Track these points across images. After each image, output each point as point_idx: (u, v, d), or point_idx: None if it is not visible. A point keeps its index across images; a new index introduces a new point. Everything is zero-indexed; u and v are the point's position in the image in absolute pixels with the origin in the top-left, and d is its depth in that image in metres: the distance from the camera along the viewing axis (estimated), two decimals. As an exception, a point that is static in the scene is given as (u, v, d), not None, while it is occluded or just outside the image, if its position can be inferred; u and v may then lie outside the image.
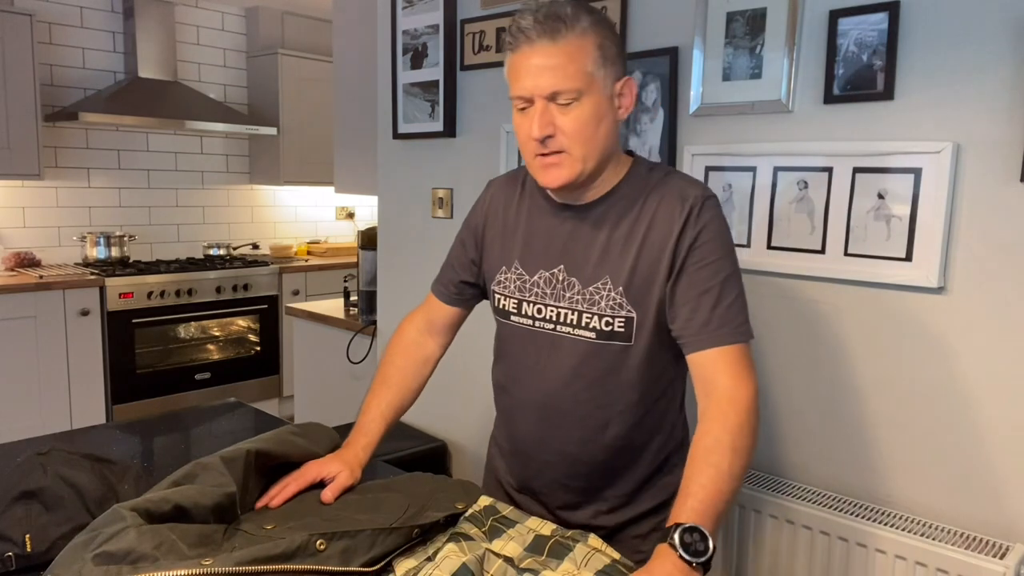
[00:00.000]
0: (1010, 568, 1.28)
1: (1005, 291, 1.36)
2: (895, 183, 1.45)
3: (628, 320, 1.14)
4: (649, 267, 1.12)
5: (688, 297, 1.10)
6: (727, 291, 1.10)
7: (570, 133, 1.08)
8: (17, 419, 3.37)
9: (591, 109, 1.08)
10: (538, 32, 1.06)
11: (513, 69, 1.10)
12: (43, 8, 3.79)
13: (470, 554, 0.95)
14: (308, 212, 5.00)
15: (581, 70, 1.06)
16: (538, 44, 1.06)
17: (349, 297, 2.93)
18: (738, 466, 1.00)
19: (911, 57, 1.42)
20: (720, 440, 1.01)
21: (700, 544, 0.90)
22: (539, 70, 1.06)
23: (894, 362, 1.50)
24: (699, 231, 1.11)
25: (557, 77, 1.06)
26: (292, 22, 4.67)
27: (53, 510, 1.00)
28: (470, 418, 2.33)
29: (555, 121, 1.08)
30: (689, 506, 0.95)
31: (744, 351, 1.09)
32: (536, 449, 1.25)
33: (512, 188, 1.29)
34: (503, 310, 1.26)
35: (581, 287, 1.16)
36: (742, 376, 1.07)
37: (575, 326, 1.17)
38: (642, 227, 1.13)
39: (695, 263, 1.10)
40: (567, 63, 1.05)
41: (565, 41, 1.06)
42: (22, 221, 3.83)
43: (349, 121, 3.05)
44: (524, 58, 1.07)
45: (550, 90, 1.06)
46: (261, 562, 0.87)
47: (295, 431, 1.25)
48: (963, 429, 1.43)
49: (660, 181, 1.16)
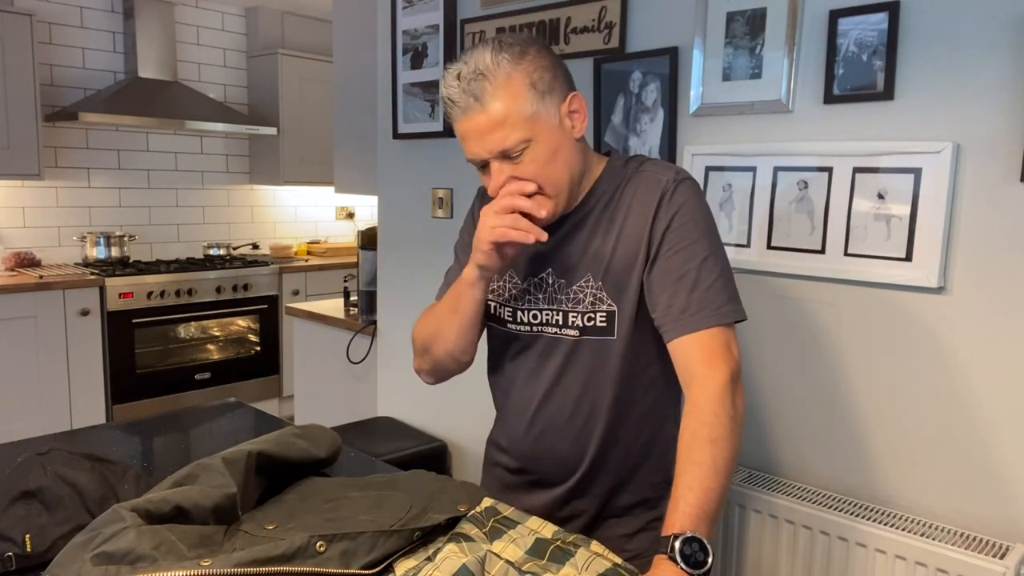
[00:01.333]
0: (1010, 568, 1.28)
1: (1005, 291, 1.36)
2: (895, 183, 1.45)
3: (609, 314, 1.14)
4: (626, 257, 1.12)
5: (665, 284, 1.09)
6: (705, 274, 1.08)
7: (532, 177, 1.08)
8: (17, 419, 3.37)
9: (544, 148, 1.08)
10: (464, 100, 1.06)
11: (460, 136, 1.10)
12: (43, 8, 3.79)
13: (471, 555, 0.94)
14: (308, 212, 5.00)
15: (520, 118, 1.06)
16: (470, 112, 1.06)
17: (349, 297, 2.93)
18: (721, 458, 0.96)
19: (911, 57, 1.42)
20: (697, 434, 0.98)
21: (700, 554, 0.89)
22: (479, 135, 1.07)
23: (893, 362, 1.50)
24: (673, 215, 1.10)
25: (497, 138, 1.06)
26: (292, 22, 4.67)
27: (53, 510, 1.00)
28: (470, 418, 2.33)
29: (514, 174, 1.08)
30: (682, 511, 0.92)
31: (721, 334, 1.05)
32: (531, 448, 1.25)
33: None
34: (499, 317, 1.25)
35: (567, 286, 1.17)
36: (715, 361, 1.03)
37: (561, 326, 1.17)
38: (619, 218, 1.13)
39: (670, 248, 1.09)
40: (503, 120, 1.05)
41: (493, 97, 1.05)
42: (22, 221, 3.83)
43: (349, 121, 3.05)
44: (463, 126, 1.08)
45: (496, 151, 1.07)
46: (261, 563, 0.87)
47: (296, 432, 1.25)
48: (963, 429, 1.43)
49: (635, 171, 1.16)
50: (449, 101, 1.08)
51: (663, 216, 1.10)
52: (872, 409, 1.53)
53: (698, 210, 1.11)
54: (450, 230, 2.28)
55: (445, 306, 1.24)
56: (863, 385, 1.54)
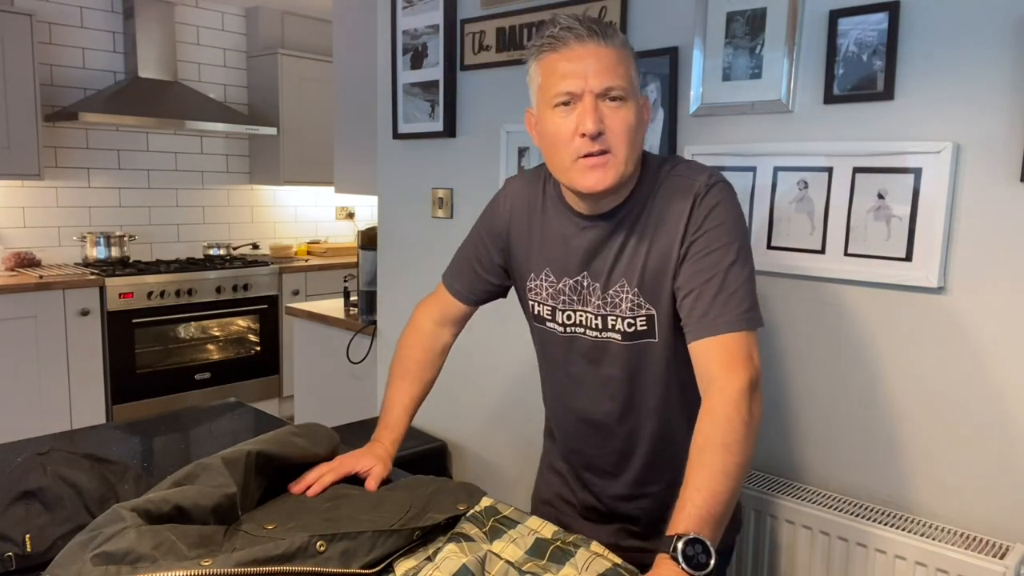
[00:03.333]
0: (1010, 568, 1.28)
1: (1005, 291, 1.36)
2: (895, 183, 1.45)
3: (649, 318, 1.14)
4: (660, 261, 1.12)
5: (693, 285, 1.09)
6: (731, 278, 1.08)
7: (618, 133, 1.06)
8: (17, 419, 3.38)
9: (635, 113, 1.08)
10: (588, 32, 1.06)
11: (556, 66, 1.07)
12: (43, 8, 3.79)
13: (471, 555, 0.94)
14: (308, 212, 5.00)
15: (628, 74, 1.07)
16: (589, 42, 1.05)
17: (349, 297, 2.93)
18: (732, 463, 0.97)
19: (911, 57, 1.42)
20: (710, 437, 0.99)
21: (703, 556, 0.89)
22: (592, 65, 1.05)
23: (893, 362, 1.50)
24: (704, 218, 1.10)
25: (610, 74, 1.05)
26: (292, 22, 4.67)
27: (53, 510, 1.00)
28: (470, 418, 2.33)
29: (604, 119, 1.06)
30: (687, 512, 0.93)
31: (742, 339, 1.06)
32: (582, 447, 1.29)
33: (534, 191, 1.26)
34: (539, 316, 1.26)
35: (602, 292, 1.17)
36: (735, 366, 1.03)
37: (601, 330, 1.18)
38: (652, 223, 1.13)
39: (701, 251, 1.09)
40: (617, 63, 1.06)
41: (612, 47, 1.06)
42: (22, 221, 3.83)
43: (349, 121, 3.05)
44: (573, 54, 1.06)
45: (603, 86, 1.05)
46: (261, 563, 0.87)
47: (295, 432, 1.25)
48: (962, 429, 1.43)
49: (668, 174, 1.15)
50: (563, 30, 1.06)
51: (696, 219, 1.10)
52: (870, 409, 1.53)
53: (729, 214, 1.11)
54: (450, 230, 2.28)
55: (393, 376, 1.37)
56: (861, 385, 1.54)
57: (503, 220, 1.29)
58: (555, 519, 1.30)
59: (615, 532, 1.31)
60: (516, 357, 2.15)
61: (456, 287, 1.36)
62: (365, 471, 1.20)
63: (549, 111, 1.09)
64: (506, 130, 2.08)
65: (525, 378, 2.13)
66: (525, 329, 1.35)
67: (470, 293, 1.35)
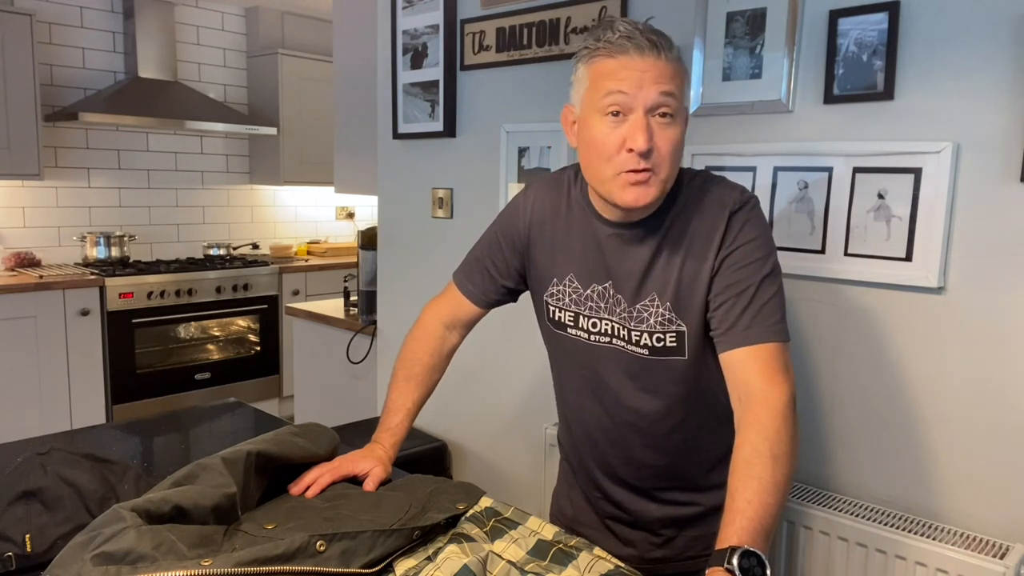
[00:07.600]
0: (1010, 568, 1.28)
1: (1005, 291, 1.36)
2: (895, 183, 1.45)
3: (679, 334, 1.14)
4: (692, 276, 1.12)
5: (726, 296, 1.09)
6: (763, 291, 1.08)
7: (664, 152, 1.05)
8: (17, 419, 3.38)
9: (682, 131, 1.07)
10: (649, 44, 1.04)
11: (612, 74, 1.04)
12: (43, 8, 3.79)
13: (472, 555, 0.94)
14: (308, 212, 5.00)
15: (680, 91, 1.06)
16: (649, 55, 1.03)
17: (349, 297, 2.93)
18: (780, 475, 0.95)
19: (911, 57, 1.42)
20: (758, 449, 0.97)
21: (758, 569, 0.87)
22: (648, 80, 1.03)
23: (893, 362, 1.50)
24: (737, 234, 1.10)
25: (664, 91, 1.03)
26: (292, 22, 4.67)
27: (53, 510, 1.00)
28: (470, 418, 2.33)
29: (653, 136, 1.04)
30: (740, 525, 0.91)
31: (778, 351, 1.05)
32: (600, 454, 1.29)
33: (558, 197, 1.24)
34: (559, 322, 1.25)
35: (627, 304, 1.16)
36: (776, 378, 1.03)
37: (628, 342, 1.17)
38: (685, 239, 1.12)
39: (733, 265, 1.09)
40: (671, 80, 1.04)
41: (669, 61, 1.05)
42: (22, 221, 3.83)
43: (349, 121, 3.05)
44: (633, 64, 1.03)
45: (657, 102, 1.03)
46: (261, 563, 0.87)
47: (295, 431, 1.25)
48: (962, 429, 1.43)
49: (699, 190, 1.14)
50: (623, 38, 1.04)
51: (729, 236, 1.10)
52: (870, 409, 1.53)
53: (761, 229, 1.12)
54: (450, 230, 2.29)
55: (397, 378, 1.35)
56: (861, 385, 1.54)
57: (523, 225, 1.27)
58: (578, 533, 1.29)
59: (640, 541, 1.31)
60: (516, 358, 2.15)
61: (468, 287, 1.35)
62: (364, 473, 1.20)
63: (597, 117, 1.06)
64: (506, 130, 2.08)
65: (525, 379, 2.14)
66: (525, 330, 1.35)
67: (483, 295, 1.34)
